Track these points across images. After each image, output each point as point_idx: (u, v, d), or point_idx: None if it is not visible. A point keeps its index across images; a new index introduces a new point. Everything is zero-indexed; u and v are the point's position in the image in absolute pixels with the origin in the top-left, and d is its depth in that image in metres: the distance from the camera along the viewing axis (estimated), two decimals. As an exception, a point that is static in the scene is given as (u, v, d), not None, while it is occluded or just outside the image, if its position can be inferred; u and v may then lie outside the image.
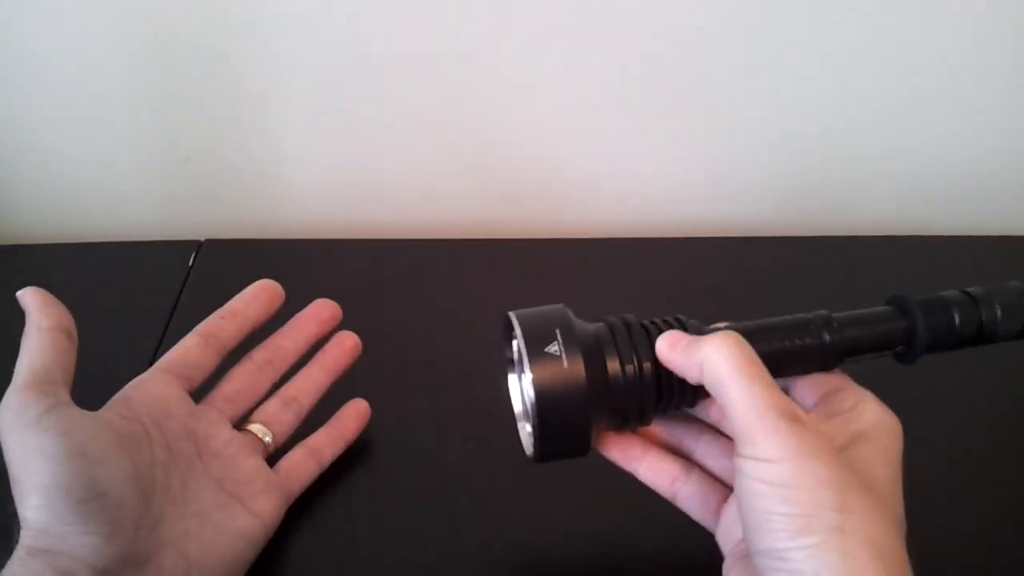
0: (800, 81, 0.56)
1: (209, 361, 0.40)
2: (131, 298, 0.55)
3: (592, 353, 0.32)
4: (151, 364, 0.39)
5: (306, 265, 0.57)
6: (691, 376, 0.31)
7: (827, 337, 0.33)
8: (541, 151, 0.60)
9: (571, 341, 0.32)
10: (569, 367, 0.31)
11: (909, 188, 0.62)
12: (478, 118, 0.58)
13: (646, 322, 0.34)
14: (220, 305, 0.42)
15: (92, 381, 0.35)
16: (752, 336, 0.33)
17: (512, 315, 0.34)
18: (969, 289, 0.34)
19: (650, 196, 0.63)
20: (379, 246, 0.59)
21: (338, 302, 0.45)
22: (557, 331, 0.32)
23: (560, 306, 0.34)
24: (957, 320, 0.34)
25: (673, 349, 0.32)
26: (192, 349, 0.40)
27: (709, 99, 0.57)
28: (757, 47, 0.55)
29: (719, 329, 0.33)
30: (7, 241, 0.60)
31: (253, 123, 0.59)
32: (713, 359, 0.30)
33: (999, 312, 0.33)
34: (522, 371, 0.33)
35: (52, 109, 0.58)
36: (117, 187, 0.62)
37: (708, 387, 0.30)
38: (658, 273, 0.57)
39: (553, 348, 0.32)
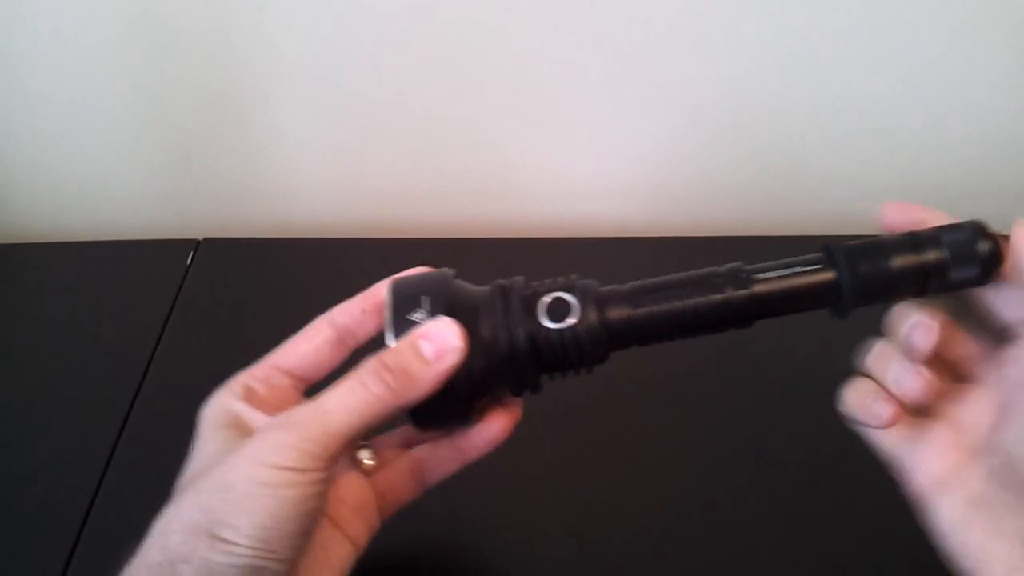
0: (795, 84, 0.56)
1: (334, 363, 0.34)
2: (130, 297, 0.55)
3: (466, 320, 0.30)
4: (150, 363, 0.37)
5: (305, 264, 0.57)
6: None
7: (732, 293, 0.30)
8: (543, 152, 0.60)
9: (439, 308, 0.30)
10: None
11: (909, 188, 0.62)
12: (479, 118, 0.58)
13: (536, 284, 0.32)
14: (219, 304, 0.40)
15: (91, 380, 0.35)
16: (644, 295, 0.31)
17: (390, 280, 0.32)
18: (917, 230, 0.30)
19: (651, 197, 0.63)
20: (379, 245, 0.59)
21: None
22: (425, 298, 0.31)
23: (443, 271, 0.32)
24: (894, 267, 0.29)
25: None
26: (323, 348, 0.34)
27: (704, 100, 0.57)
28: (755, 46, 0.55)
29: (617, 290, 0.31)
30: (7, 240, 0.60)
31: (252, 122, 0.59)
32: None
33: (948, 255, 0.29)
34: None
35: (51, 108, 0.58)
36: (116, 186, 0.62)
37: None
38: (658, 273, 0.57)
39: (417, 315, 0.30)
